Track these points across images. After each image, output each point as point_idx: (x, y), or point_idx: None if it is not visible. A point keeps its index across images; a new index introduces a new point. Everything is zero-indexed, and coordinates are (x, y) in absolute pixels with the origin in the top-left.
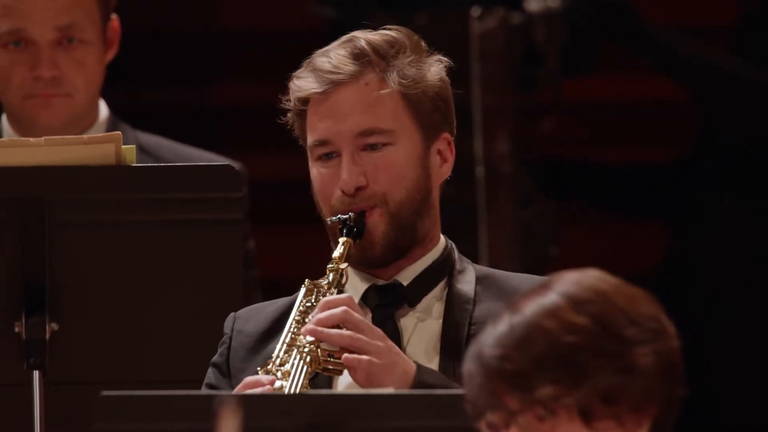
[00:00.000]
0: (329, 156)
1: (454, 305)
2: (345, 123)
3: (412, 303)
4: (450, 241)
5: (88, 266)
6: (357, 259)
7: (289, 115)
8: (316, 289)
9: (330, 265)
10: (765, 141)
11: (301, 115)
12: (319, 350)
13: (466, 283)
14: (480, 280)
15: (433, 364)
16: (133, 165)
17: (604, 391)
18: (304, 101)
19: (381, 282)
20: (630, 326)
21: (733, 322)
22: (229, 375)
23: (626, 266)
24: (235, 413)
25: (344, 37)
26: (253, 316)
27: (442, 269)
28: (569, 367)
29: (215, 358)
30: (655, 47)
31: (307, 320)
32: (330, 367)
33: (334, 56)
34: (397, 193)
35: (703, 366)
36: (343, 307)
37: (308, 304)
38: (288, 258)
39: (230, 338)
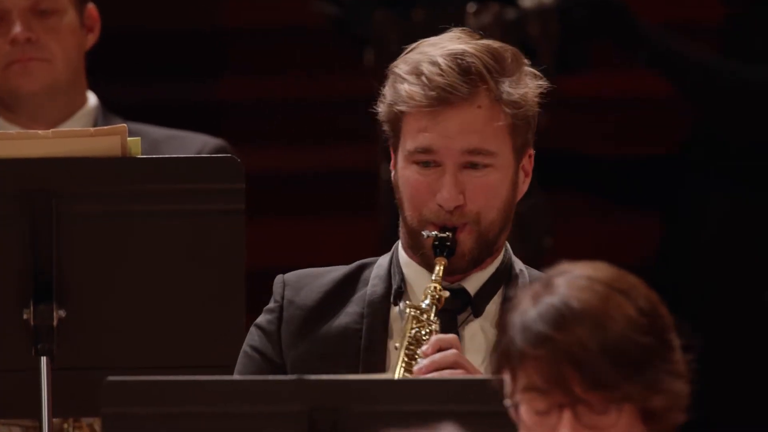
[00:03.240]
0: (427, 164)
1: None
2: (454, 141)
3: (477, 313)
4: (508, 245)
5: (95, 255)
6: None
7: (381, 107)
8: (420, 317)
9: (430, 291)
10: (755, 137)
11: (399, 114)
12: None
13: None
14: None
15: (488, 371)
16: (138, 157)
17: (674, 397)
18: (408, 106)
19: (446, 285)
20: (669, 330)
21: (724, 315)
22: (280, 345)
23: (621, 257)
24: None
25: (449, 45)
26: (304, 285)
27: (502, 275)
28: (643, 369)
29: (263, 323)
30: (646, 45)
31: (417, 354)
32: None
33: (445, 69)
34: (489, 214)
35: (697, 358)
36: (455, 351)
37: (416, 333)
38: (290, 249)
39: (281, 307)
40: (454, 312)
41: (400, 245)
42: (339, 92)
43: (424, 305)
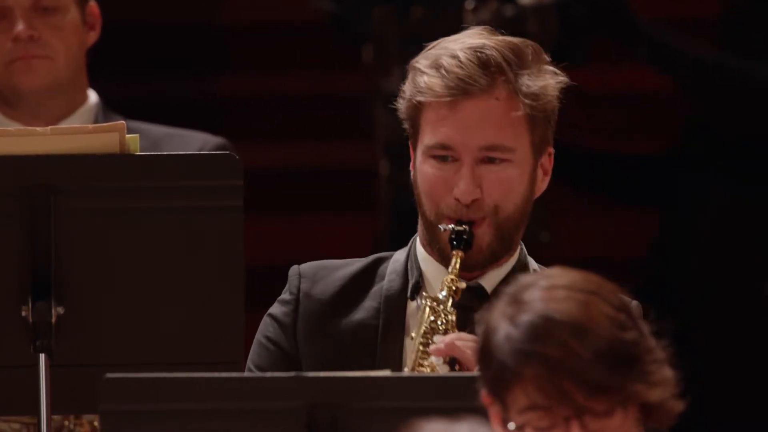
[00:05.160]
0: (445, 158)
1: None
2: (471, 135)
3: None
4: (522, 244)
5: (94, 251)
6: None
7: (401, 101)
8: (437, 308)
9: (447, 282)
10: (754, 132)
11: (418, 108)
12: None
13: None
14: None
15: None
16: (137, 153)
17: (668, 386)
18: (427, 97)
19: (463, 281)
20: (640, 318)
21: (723, 310)
22: (295, 338)
23: (617, 252)
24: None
25: (469, 40)
26: (319, 279)
27: (518, 273)
28: (636, 364)
29: (278, 314)
30: (645, 41)
31: (433, 343)
32: None
33: (465, 61)
34: (507, 208)
35: (690, 353)
36: (476, 339)
37: (432, 326)
38: (290, 246)
39: (297, 300)
40: (471, 309)
41: (417, 241)
42: (339, 90)
43: (441, 296)
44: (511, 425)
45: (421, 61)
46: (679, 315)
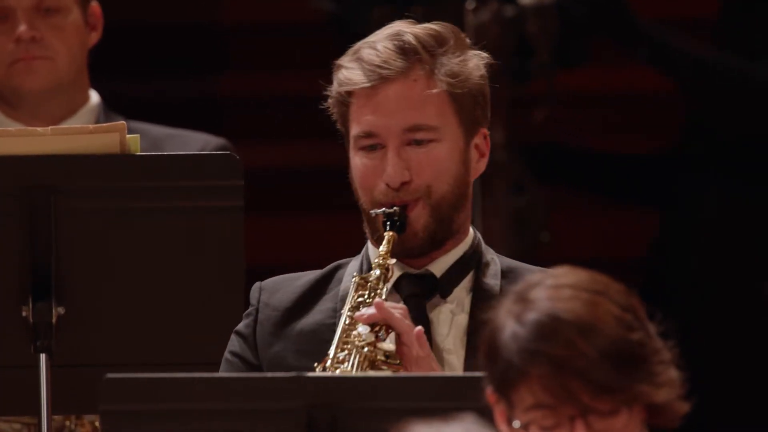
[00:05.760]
0: (373, 147)
1: (481, 300)
2: (393, 118)
3: (444, 294)
4: (477, 233)
5: (94, 251)
6: (395, 249)
7: (330, 101)
8: (367, 285)
9: (377, 260)
10: (754, 132)
11: (345, 103)
12: (376, 351)
13: (492, 276)
14: (505, 273)
15: (459, 357)
16: (138, 154)
17: (674, 387)
18: (349, 92)
19: (413, 271)
20: (647, 319)
21: (722, 309)
22: (256, 347)
23: (616, 252)
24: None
25: (389, 30)
26: (279, 289)
27: (471, 261)
28: (642, 365)
29: (241, 328)
30: (646, 41)
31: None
32: (384, 368)
33: (381, 49)
34: (439, 188)
35: (690, 353)
36: (405, 308)
37: (360, 300)
38: (290, 246)
39: (257, 310)
40: (421, 296)
41: (368, 241)
42: None
43: (373, 275)
44: (516, 423)
45: (344, 59)
46: (679, 315)
